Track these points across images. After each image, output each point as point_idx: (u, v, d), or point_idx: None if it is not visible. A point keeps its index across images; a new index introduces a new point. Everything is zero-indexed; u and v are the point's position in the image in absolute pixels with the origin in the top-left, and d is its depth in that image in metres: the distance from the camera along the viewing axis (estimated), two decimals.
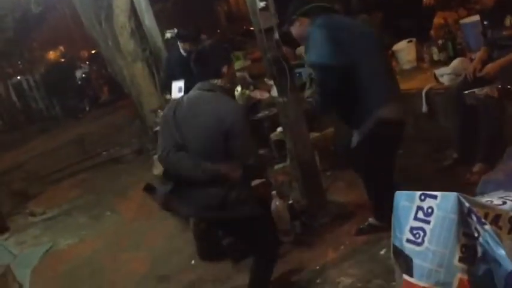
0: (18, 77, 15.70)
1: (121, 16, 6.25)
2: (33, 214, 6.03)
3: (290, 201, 3.56)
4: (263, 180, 3.63)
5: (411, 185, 3.63)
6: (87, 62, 16.05)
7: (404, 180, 3.84)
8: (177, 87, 4.72)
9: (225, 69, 2.66)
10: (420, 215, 1.53)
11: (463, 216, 1.43)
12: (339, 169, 4.53)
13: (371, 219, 3.32)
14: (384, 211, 2.20)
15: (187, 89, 4.06)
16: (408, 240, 1.55)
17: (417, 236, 1.52)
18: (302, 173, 3.66)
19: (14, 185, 7.35)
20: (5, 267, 3.51)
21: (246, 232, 2.77)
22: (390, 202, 1.69)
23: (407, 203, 1.59)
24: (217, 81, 2.64)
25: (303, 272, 3.11)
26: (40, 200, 6.75)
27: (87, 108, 14.07)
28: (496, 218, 1.44)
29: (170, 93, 4.88)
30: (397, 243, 1.60)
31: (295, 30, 3.14)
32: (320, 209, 3.68)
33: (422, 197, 1.54)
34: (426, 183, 3.56)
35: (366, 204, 3.72)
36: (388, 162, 3.11)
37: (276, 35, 3.47)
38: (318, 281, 2.96)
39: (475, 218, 1.41)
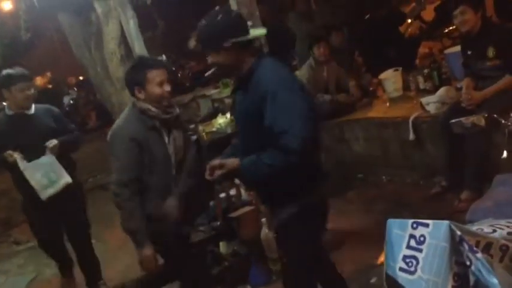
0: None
1: (111, 43, 6.26)
2: (17, 242, 5.90)
3: None
4: (252, 207, 3.63)
5: (399, 212, 3.68)
6: (75, 88, 16.00)
7: (392, 207, 3.88)
8: None
9: (137, 91, 2.59)
10: (413, 243, 1.53)
11: (455, 245, 1.43)
12: (328, 196, 4.54)
13: None
14: None
15: None
16: (401, 269, 1.54)
17: (410, 264, 1.52)
18: None
19: None
20: None
21: None
22: None
23: (399, 231, 1.59)
24: (135, 100, 2.66)
25: None
26: (24, 228, 6.60)
27: None
28: (487, 246, 1.44)
29: None
30: (390, 272, 1.59)
31: None
32: None
33: (415, 225, 1.54)
34: (415, 210, 3.58)
35: (354, 231, 3.73)
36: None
37: None
38: None
39: (466, 246, 1.41)
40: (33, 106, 3.58)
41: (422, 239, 1.52)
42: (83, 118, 14.79)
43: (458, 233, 1.44)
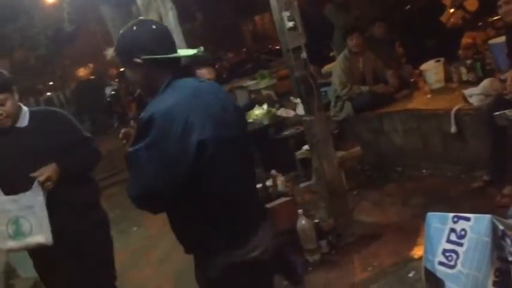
0: (50, 93, 16.11)
1: None
2: None
3: (316, 220, 3.54)
4: (288, 198, 3.64)
5: (439, 206, 3.62)
6: (116, 80, 16.38)
7: (431, 201, 3.81)
8: None
9: None
10: (453, 237, 1.51)
11: (497, 239, 1.41)
12: (365, 189, 4.51)
13: None
14: None
15: None
16: (440, 263, 1.53)
17: (450, 258, 1.50)
18: (328, 192, 3.65)
19: None
20: (34, 279, 3.57)
21: None
22: None
23: (439, 225, 1.57)
24: None
25: None
26: None
27: (116, 125, 14.31)
28: None
29: None
30: (428, 266, 1.58)
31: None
32: (347, 228, 3.65)
33: (455, 219, 1.52)
34: (455, 205, 3.50)
35: (392, 225, 3.69)
36: None
37: (304, 54, 3.50)
38: None
39: (509, 241, 1.38)
40: (26, 116, 2.54)
41: (463, 233, 1.50)
42: (123, 108, 15.15)
43: (501, 227, 1.41)
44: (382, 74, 5.15)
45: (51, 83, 17.23)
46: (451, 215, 1.54)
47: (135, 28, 1.74)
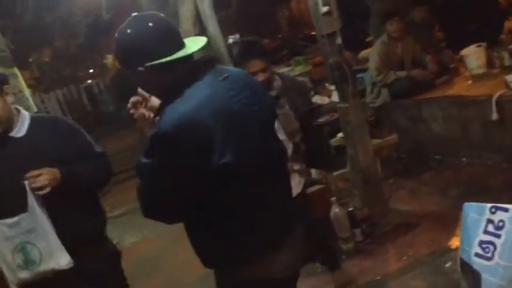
0: (90, 81, 16.46)
1: (186, 23, 6.40)
2: None
3: (350, 209, 3.50)
4: (322, 186, 3.61)
5: (478, 196, 3.52)
6: None
7: (470, 191, 3.70)
8: None
9: None
10: (490, 228, 1.46)
11: None
12: (401, 177, 4.43)
13: None
14: None
15: None
16: (477, 255, 1.48)
17: (487, 250, 1.46)
18: (363, 180, 3.60)
19: None
20: None
21: None
22: None
23: (476, 215, 1.52)
24: None
25: (363, 281, 3.05)
26: (106, 199, 7.02)
27: None
28: None
29: None
30: (464, 257, 1.54)
31: None
32: (382, 217, 3.61)
33: (493, 210, 1.47)
34: (495, 195, 3.40)
35: (429, 214, 3.61)
36: None
37: (339, 40, 3.44)
38: None
39: None
40: (25, 123, 2.10)
41: (501, 224, 1.45)
42: None
43: None
44: (421, 59, 5.01)
45: (91, 71, 17.60)
46: (489, 205, 1.49)
47: (129, 31, 1.53)
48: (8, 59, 5.94)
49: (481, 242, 1.48)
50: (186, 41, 1.58)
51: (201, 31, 6.56)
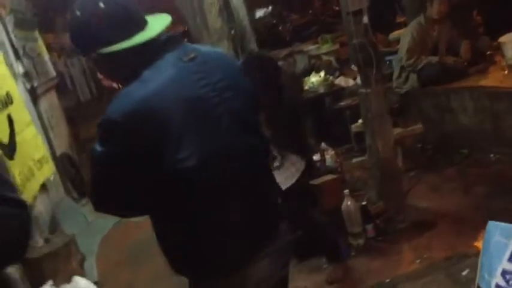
0: None
1: None
2: None
3: (364, 203, 3.26)
4: (335, 176, 3.38)
5: (505, 196, 3.23)
6: None
7: (497, 191, 3.41)
8: None
9: None
10: None
11: None
12: (423, 170, 4.14)
13: None
14: None
15: None
16: (498, 286, 1.24)
17: (510, 283, 1.21)
18: (381, 172, 3.35)
19: None
20: (70, 237, 3.56)
21: None
22: None
23: (502, 238, 1.27)
24: None
25: (370, 282, 2.83)
26: None
27: None
28: None
29: None
30: (482, 286, 1.30)
31: None
32: (398, 213, 3.36)
33: None
34: None
35: (448, 213, 3.35)
36: None
37: (365, 19, 3.15)
38: None
39: None
40: None
41: None
42: None
43: None
44: (457, 45, 4.64)
45: None
46: None
47: (78, 13, 1.32)
48: (29, 22, 5.82)
49: (504, 272, 1.24)
50: (149, 18, 1.37)
51: (225, 3, 6.34)
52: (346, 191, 3.16)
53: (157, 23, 1.36)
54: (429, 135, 4.47)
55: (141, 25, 1.33)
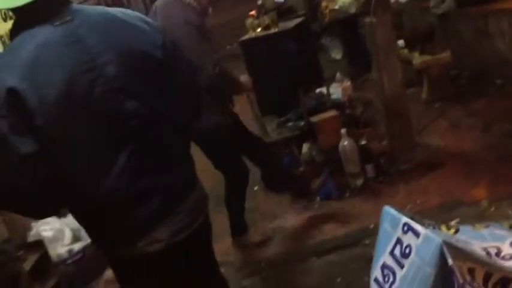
0: None
1: None
2: None
3: (363, 142, 3.09)
4: (336, 113, 3.22)
5: None
6: None
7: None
8: None
9: None
10: (397, 251, 1.10)
11: (444, 274, 0.99)
12: (450, 102, 3.83)
13: None
14: None
15: None
16: (376, 280, 1.15)
17: (386, 278, 1.11)
18: (386, 110, 3.14)
19: None
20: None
21: None
22: None
23: (390, 227, 1.15)
24: None
25: (354, 227, 2.75)
26: None
27: None
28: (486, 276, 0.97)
29: None
30: (371, 277, 1.20)
31: None
32: (404, 153, 3.18)
33: (405, 228, 1.10)
34: None
35: (460, 154, 3.13)
36: None
37: None
38: (366, 241, 2.57)
39: (457, 281, 0.96)
40: None
41: (407, 250, 1.09)
42: None
43: (450, 262, 0.98)
44: None
45: None
46: (404, 219, 1.11)
47: None
48: None
49: (384, 266, 1.13)
50: None
51: None
52: (343, 130, 3.00)
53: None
54: (466, 61, 4.10)
55: None
